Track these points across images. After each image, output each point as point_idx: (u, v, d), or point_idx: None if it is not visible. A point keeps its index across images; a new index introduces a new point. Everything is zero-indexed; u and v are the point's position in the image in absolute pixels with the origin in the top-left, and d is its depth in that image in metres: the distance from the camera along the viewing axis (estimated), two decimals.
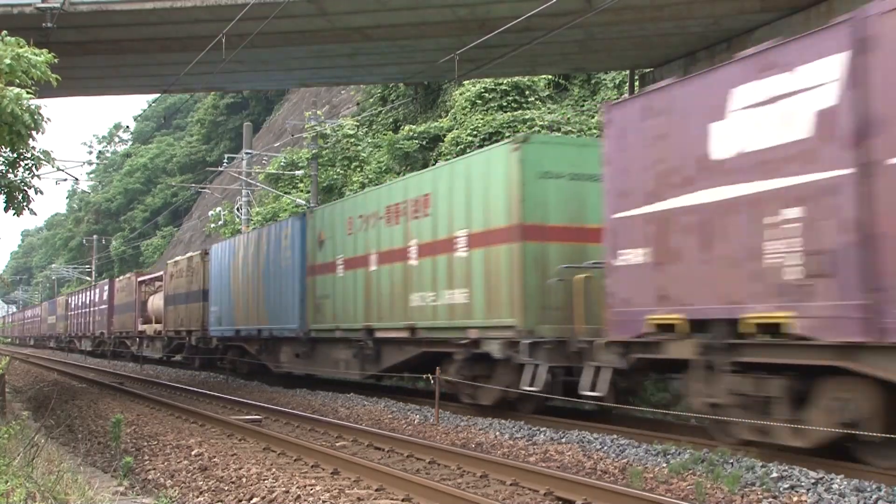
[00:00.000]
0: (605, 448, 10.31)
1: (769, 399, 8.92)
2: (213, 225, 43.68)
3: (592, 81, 26.49)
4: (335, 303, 18.84)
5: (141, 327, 37.20)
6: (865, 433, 8.04)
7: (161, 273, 35.58)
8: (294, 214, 26.39)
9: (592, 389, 11.21)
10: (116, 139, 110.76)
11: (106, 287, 45.63)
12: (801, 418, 8.68)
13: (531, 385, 12.33)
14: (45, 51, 10.11)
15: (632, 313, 10.52)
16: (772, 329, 8.76)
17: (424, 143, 28.60)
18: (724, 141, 9.36)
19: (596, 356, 11.25)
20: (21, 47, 9.82)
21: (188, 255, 32.42)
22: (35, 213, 11.62)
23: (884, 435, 7.97)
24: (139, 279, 39.05)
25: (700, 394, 9.74)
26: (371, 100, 38.56)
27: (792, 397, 8.75)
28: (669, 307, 9.98)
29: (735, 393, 9.24)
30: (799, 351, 8.55)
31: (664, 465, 9.16)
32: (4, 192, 11.05)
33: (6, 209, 11.13)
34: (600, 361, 11.15)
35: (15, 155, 10.79)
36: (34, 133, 10.11)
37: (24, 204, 11.22)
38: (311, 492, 7.94)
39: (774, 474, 8.28)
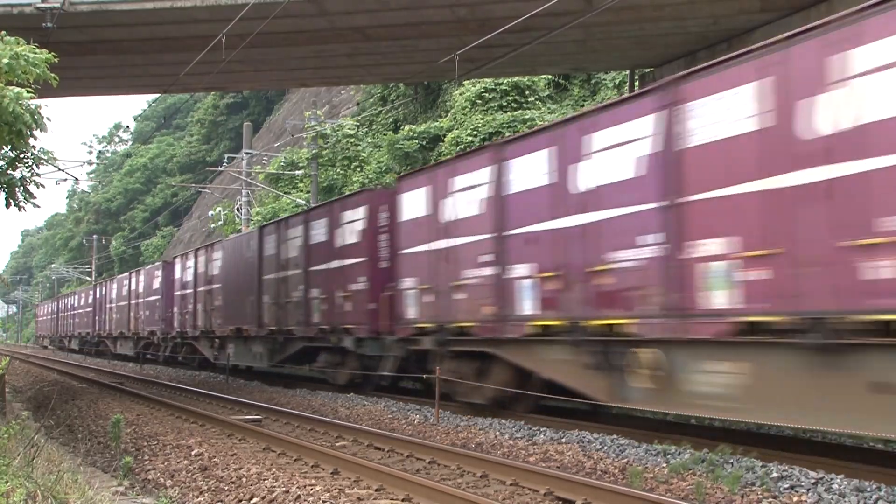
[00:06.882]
0: (605, 448, 10.31)
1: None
2: (213, 225, 43.72)
3: (592, 81, 26.50)
4: None
5: None
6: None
7: None
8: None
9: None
10: (116, 139, 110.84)
11: None
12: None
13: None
14: (44, 50, 10.11)
15: None
16: None
17: (424, 143, 28.62)
18: None
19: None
20: (20, 46, 9.81)
21: None
22: (38, 206, 11.57)
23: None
24: None
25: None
26: (371, 100, 38.59)
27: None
28: None
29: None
30: None
31: (664, 465, 9.16)
32: (5, 190, 11.02)
33: (7, 206, 11.10)
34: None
35: (14, 155, 10.78)
36: (36, 132, 10.11)
37: (26, 199, 11.20)
38: (311, 492, 7.93)
39: (774, 474, 8.28)
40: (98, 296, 47.12)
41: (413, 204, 15.26)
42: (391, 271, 16.33)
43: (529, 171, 12.18)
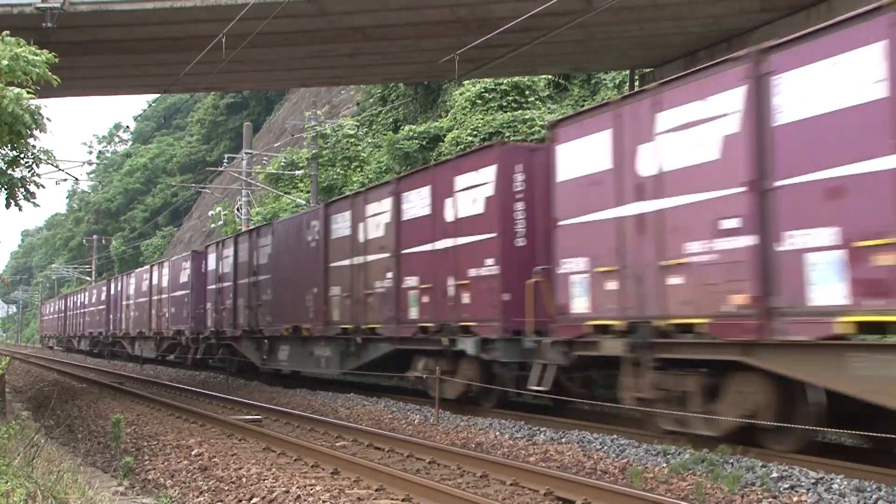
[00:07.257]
0: (605, 448, 10.31)
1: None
2: (213, 225, 43.73)
3: (592, 81, 26.47)
4: None
5: None
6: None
7: None
8: None
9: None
10: (116, 139, 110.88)
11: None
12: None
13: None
14: (44, 51, 10.12)
15: None
16: None
17: (424, 143, 28.60)
18: None
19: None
20: (20, 47, 9.82)
21: None
22: (38, 206, 11.56)
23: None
24: None
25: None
26: (371, 100, 38.57)
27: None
28: None
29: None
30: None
31: (664, 465, 9.16)
32: (6, 190, 11.03)
33: (7, 206, 11.10)
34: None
35: (14, 154, 10.78)
36: (36, 132, 10.12)
37: (27, 199, 11.19)
38: (311, 492, 7.94)
39: (774, 474, 8.28)
40: (113, 292, 43.36)
41: (581, 156, 11.55)
42: (532, 250, 13.12)
43: (825, 86, 8.26)
